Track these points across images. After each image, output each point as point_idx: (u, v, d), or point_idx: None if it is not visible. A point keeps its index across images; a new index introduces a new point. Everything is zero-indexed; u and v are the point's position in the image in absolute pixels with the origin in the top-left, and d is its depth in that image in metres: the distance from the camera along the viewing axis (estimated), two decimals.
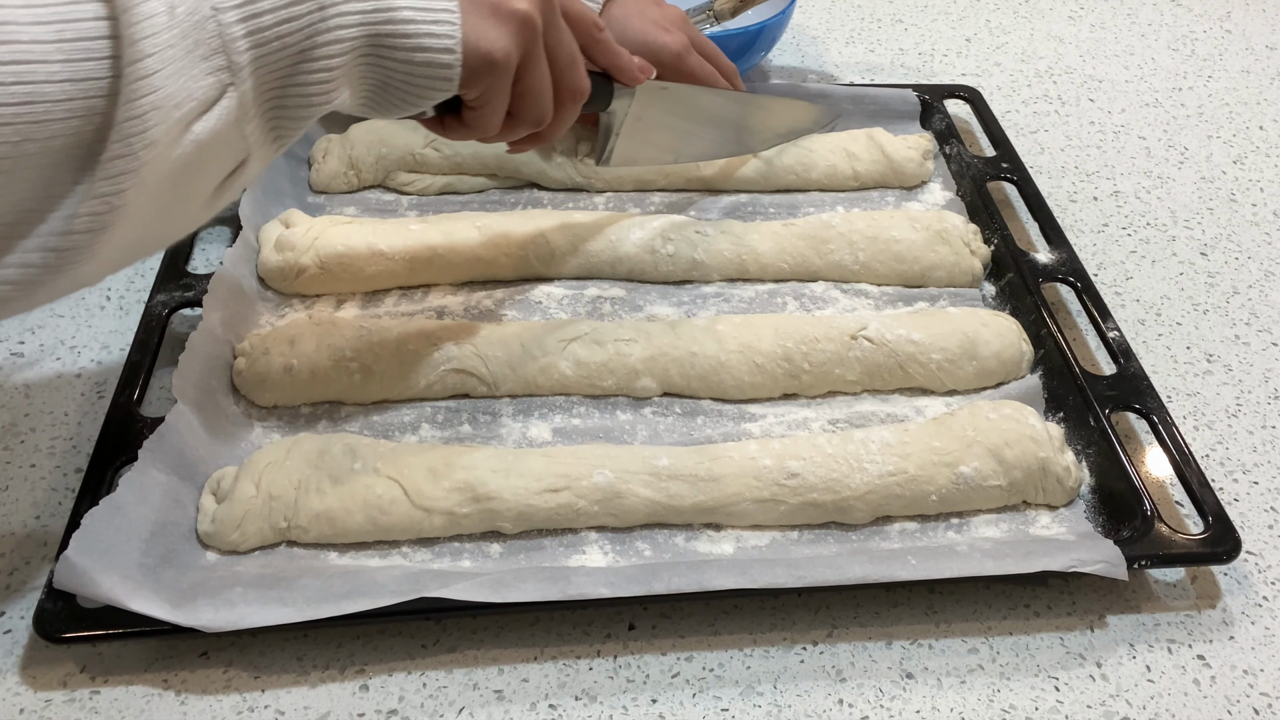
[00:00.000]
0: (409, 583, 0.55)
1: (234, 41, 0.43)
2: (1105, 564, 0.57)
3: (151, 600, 0.52)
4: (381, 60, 0.50)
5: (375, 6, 0.48)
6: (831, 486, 0.61)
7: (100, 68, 0.39)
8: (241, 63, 0.44)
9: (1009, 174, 0.87)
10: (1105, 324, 0.72)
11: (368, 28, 0.48)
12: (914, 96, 0.94)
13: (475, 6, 0.52)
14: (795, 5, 0.96)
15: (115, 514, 0.55)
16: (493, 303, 0.76)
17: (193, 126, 0.43)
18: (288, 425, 0.67)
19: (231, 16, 0.43)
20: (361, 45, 0.48)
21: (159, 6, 0.40)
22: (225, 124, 0.44)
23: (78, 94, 0.39)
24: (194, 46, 0.42)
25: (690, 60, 0.79)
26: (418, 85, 0.51)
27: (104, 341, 0.74)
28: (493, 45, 0.52)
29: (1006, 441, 0.62)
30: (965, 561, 0.57)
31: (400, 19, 0.48)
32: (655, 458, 0.62)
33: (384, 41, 0.49)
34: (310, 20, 0.46)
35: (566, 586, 0.55)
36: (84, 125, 0.40)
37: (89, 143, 0.40)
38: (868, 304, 0.77)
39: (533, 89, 0.57)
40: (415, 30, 0.49)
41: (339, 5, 0.47)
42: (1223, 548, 0.59)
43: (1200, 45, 1.14)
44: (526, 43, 0.54)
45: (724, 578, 0.55)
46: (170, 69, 0.41)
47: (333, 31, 0.47)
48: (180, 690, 0.55)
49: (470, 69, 0.52)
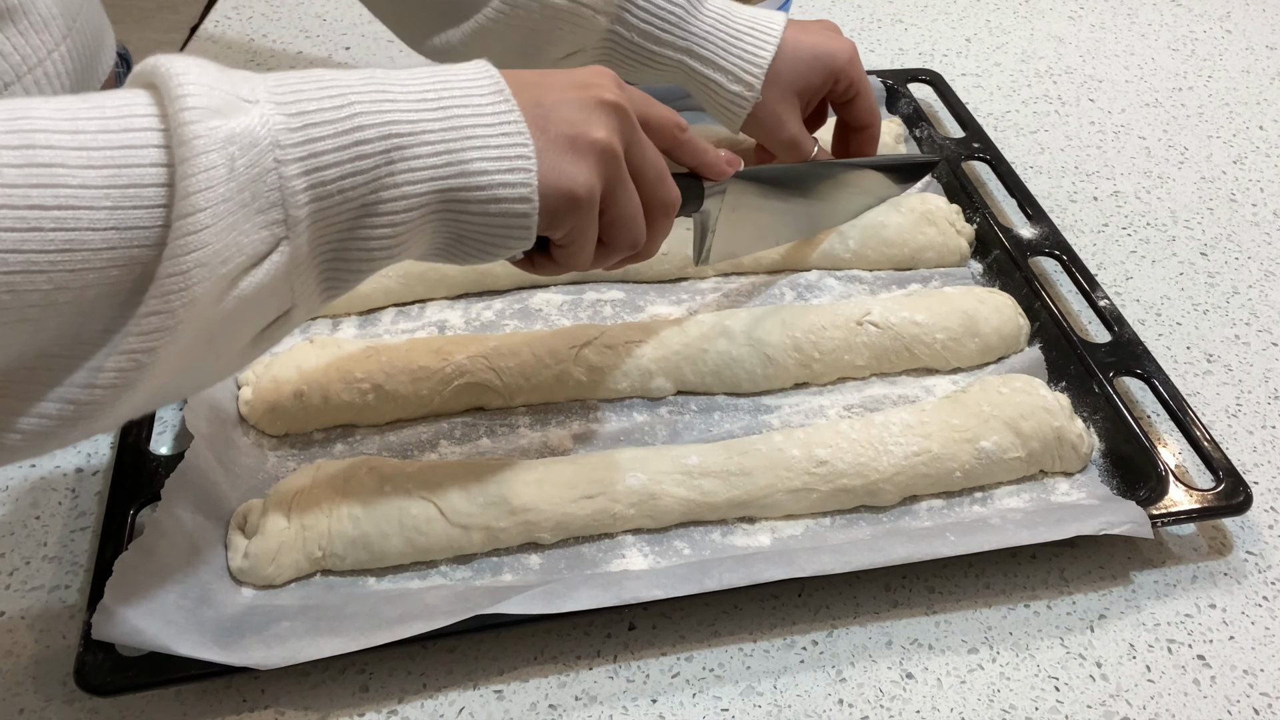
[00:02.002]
0: (459, 602, 0.54)
1: (294, 195, 0.41)
2: (1132, 524, 0.59)
3: (198, 643, 0.51)
4: (454, 215, 0.47)
5: (447, 160, 0.45)
6: (860, 471, 0.62)
7: (150, 217, 0.37)
8: (299, 216, 0.41)
9: (981, 154, 0.89)
10: (1095, 294, 0.75)
11: (438, 183, 0.45)
12: (878, 82, 0.96)
13: (551, 144, 0.48)
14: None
15: (147, 558, 0.54)
16: (493, 313, 0.75)
17: (239, 282, 0.40)
18: (303, 452, 0.65)
19: (294, 170, 0.40)
20: (431, 201, 0.45)
21: (218, 159, 0.38)
22: (274, 277, 0.42)
23: (121, 243, 0.36)
24: (250, 199, 0.39)
25: (860, 68, 0.77)
26: (495, 236, 0.48)
27: None
28: (573, 182, 0.49)
29: (1021, 414, 0.64)
30: (1001, 533, 0.59)
31: (473, 171, 0.46)
32: (685, 456, 0.62)
33: (455, 196, 0.46)
34: (377, 175, 0.43)
35: (620, 592, 0.55)
36: (124, 276, 0.37)
37: (126, 293, 0.37)
38: (863, 289, 0.78)
39: (623, 216, 0.54)
40: (489, 182, 0.46)
41: (408, 160, 0.44)
42: (1236, 499, 0.61)
43: (1200, 45, 1.15)
44: (609, 172, 0.51)
45: (773, 569, 0.56)
46: (223, 224, 0.38)
47: (400, 188, 0.44)
48: (180, 691, 0.54)
49: (550, 211, 0.49)
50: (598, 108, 0.50)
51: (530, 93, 0.49)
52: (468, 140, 0.46)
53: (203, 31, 1.09)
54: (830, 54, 0.75)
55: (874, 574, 0.60)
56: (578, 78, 0.52)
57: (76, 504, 0.63)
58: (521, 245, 0.50)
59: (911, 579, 0.61)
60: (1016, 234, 0.80)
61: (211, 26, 1.09)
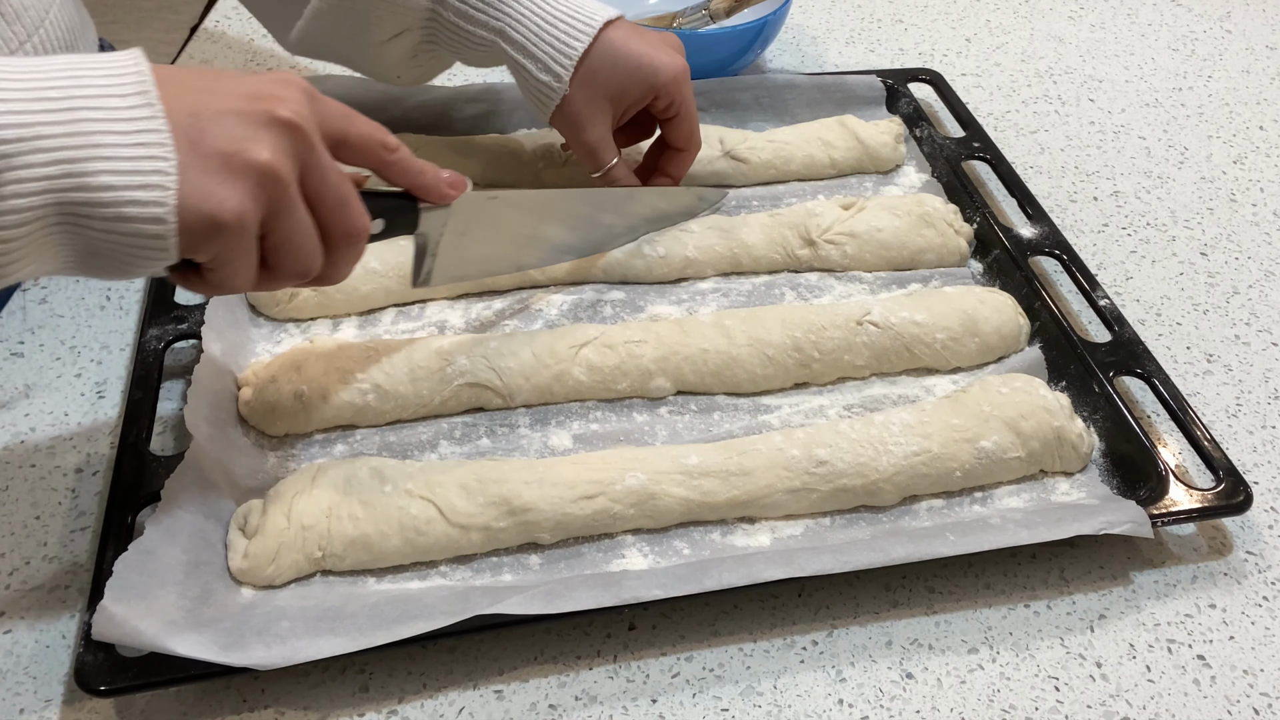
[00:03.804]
0: (459, 602, 0.54)
1: None
2: (1132, 524, 0.59)
3: (198, 643, 0.51)
4: (79, 229, 0.42)
5: (65, 171, 0.41)
6: (860, 471, 0.62)
7: None
8: None
9: (981, 153, 0.89)
10: (1095, 293, 0.75)
11: (54, 195, 0.41)
12: (878, 82, 0.96)
13: (201, 160, 0.44)
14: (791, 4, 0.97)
15: (147, 558, 0.54)
16: (493, 314, 0.75)
17: None
18: (303, 453, 0.65)
19: None
20: (48, 214, 0.41)
21: None
22: None
23: None
24: None
25: (686, 89, 0.74)
26: (128, 254, 0.44)
27: (104, 341, 0.74)
28: (219, 206, 0.44)
29: (1021, 414, 0.64)
30: (1001, 533, 0.59)
31: (96, 185, 0.41)
32: (684, 456, 0.62)
33: (77, 210, 0.42)
34: None
35: (620, 591, 0.55)
36: None
37: None
38: (863, 289, 0.78)
39: (289, 243, 0.49)
40: (115, 198, 0.42)
41: (15, 169, 0.40)
42: (1237, 498, 0.61)
43: (1200, 45, 1.15)
44: (270, 196, 0.46)
45: (773, 569, 0.56)
46: None
47: (6, 200, 0.40)
48: (180, 691, 0.54)
49: (191, 233, 0.44)
50: (267, 124, 0.46)
51: (189, 100, 0.44)
52: (93, 149, 0.41)
53: (203, 31, 1.09)
54: (654, 68, 0.72)
55: (874, 574, 0.60)
56: (256, 87, 0.47)
57: (76, 504, 0.63)
58: (159, 264, 0.45)
59: (911, 579, 0.61)
60: (1017, 234, 0.80)
61: (211, 26, 1.09)
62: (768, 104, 0.94)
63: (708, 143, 0.86)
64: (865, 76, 0.96)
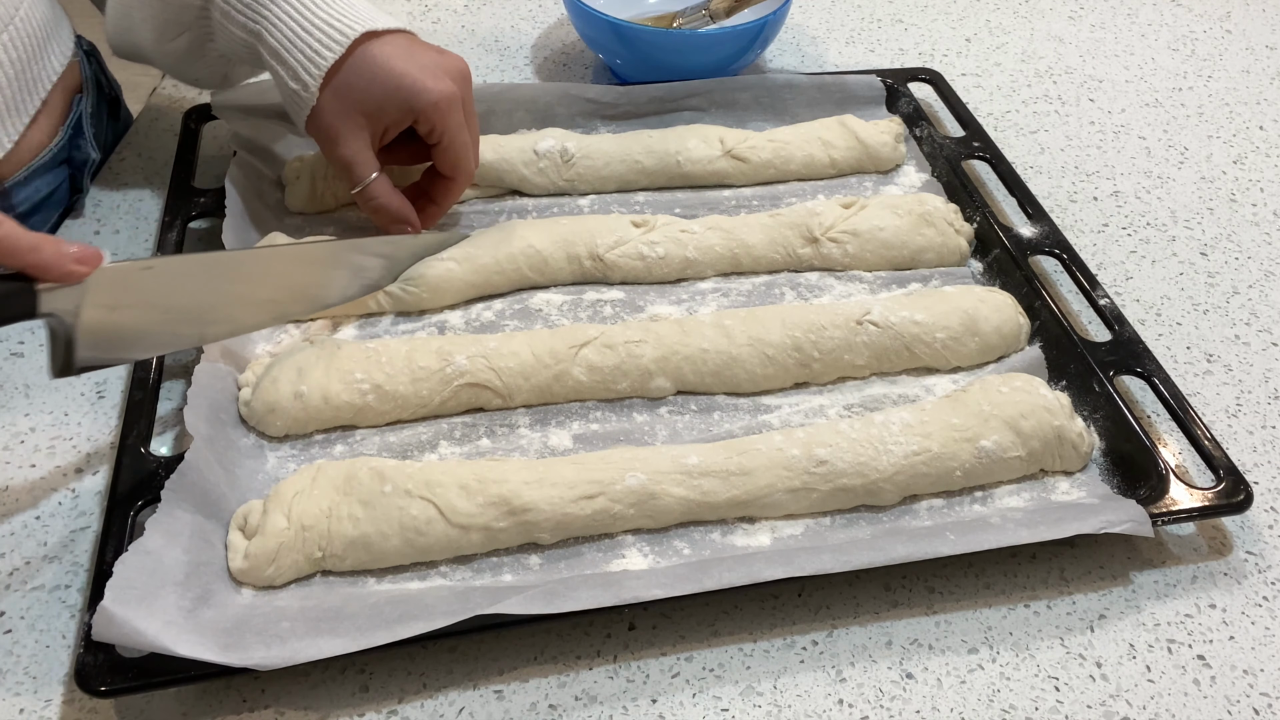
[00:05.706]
0: (459, 602, 0.54)
1: None
2: (1132, 523, 0.59)
3: (198, 644, 0.51)
4: None
5: None
6: (860, 470, 0.62)
7: None
8: None
9: (981, 153, 0.89)
10: (1095, 292, 0.75)
11: None
12: (878, 81, 0.96)
13: None
14: (791, 4, 0.97)
15: (146, 559, 0.54)
16: (493, 314, 0.75)
17: None
18: (303, 453, 0.65)
19: None
20: None
21: None
22: None
23: None
24: None
25: (452, 117, 0.70)
26: None
27: None
28: None
29: (1022, 413, 0.64)
30: (1001, 533, 0.59)
31: None
32: (684, 456, 0.62)
33: None
34: None
35: (620, 591, 0.55)
36: None
37: None
38: (863, 288, 0.78)
39: None
40: None
41: None
42: (1237, 497, 0.61)
43: (1200, 45, 1.15)
44: None
45: (773, 569, 0.56)
46: None
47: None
48: (180, 691, 0.54)
49: None
50: None
51: None
52: None
53: None
54: (415, 90, 0.68)
55: (874, 574, 0.60)
56: None
57: (76, 504, 0.63)
58: None
59: (911, 579, 0.61)
60: (1017, 233, 0.80)
61: None
62: (768, 104, 0.94)
63: (708, 143, 0.86)
64: (865, 76, 0.96)
